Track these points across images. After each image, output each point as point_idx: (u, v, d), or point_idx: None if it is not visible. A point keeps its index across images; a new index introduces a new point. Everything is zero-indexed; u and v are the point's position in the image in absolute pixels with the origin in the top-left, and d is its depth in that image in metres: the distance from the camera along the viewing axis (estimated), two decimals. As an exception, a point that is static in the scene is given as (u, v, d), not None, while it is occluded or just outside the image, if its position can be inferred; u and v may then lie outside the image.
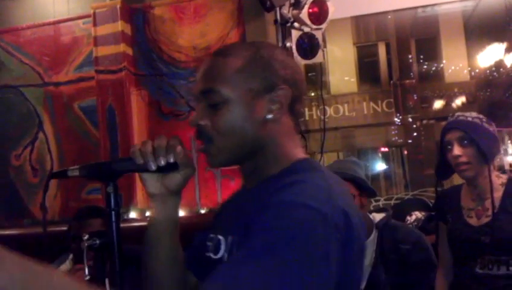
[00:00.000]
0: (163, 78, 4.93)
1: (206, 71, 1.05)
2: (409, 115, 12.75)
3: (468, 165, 2.05)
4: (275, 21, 4.72)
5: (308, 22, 4.52)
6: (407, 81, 13.02)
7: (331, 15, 4.59)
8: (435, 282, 2.25)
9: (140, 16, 4.98)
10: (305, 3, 4.55)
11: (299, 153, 1.07)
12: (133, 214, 4.66)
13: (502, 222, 2.01)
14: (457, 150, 2.03)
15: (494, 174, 2.11)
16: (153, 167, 1.03)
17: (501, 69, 10.33)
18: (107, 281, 1.19)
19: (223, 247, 1.04)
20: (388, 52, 14.26)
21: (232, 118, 1.01)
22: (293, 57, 1.14)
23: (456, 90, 14.71)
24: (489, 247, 2.00)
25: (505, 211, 2.02)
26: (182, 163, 1.05)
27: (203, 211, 4.64)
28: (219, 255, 1.05)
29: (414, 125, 12.92)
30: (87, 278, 1.18)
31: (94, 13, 4.91)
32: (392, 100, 13.75)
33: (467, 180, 2.13)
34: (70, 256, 2.47)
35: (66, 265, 2.46)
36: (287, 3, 4.59)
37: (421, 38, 14.02)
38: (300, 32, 4.24)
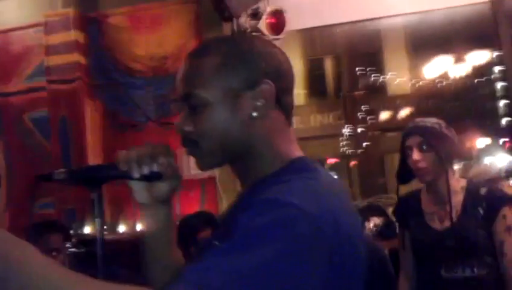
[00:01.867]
0: (119, 88, 4.81)
1: (183, 74, 1.01)
2: (358, 126, 13.07)
3: (427, 169, 2.09)
4: (232, 32, 4.74)
5: (266, 32, 4.56)
6: (356, 93, 13.36)
7: (288, 26, 4.67)
8: None
9: (94, 24, 4.86)
10: (263, 14, 4.60)
11: (294, 151, 1.03)
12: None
13: (464, 225, 2.05)
14: (416, 155, 2.07)
15: (454, 178, 2.16)
16: (136, 175, 1.01)
17: (443, 81, 10.79)
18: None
19: None
20: (336, 66, 14.59)
21: (214, 120, 0.97)
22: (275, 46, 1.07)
23: (398, 102, 15.21)
24: (454, 250, 2.04)
25: (466, 214, 2.07)
26: (166, 173, 1.02)
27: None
28: None
29: (362, 137, 13.25)
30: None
31: (46, 22, 4.75)
32: (339, 112, 14.02)
33: (427, 184, 2.18)
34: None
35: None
36: (245, 14, 4.63)
37: (365, 52, 14.45)
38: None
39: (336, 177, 1.03)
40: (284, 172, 0.96)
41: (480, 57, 8.45)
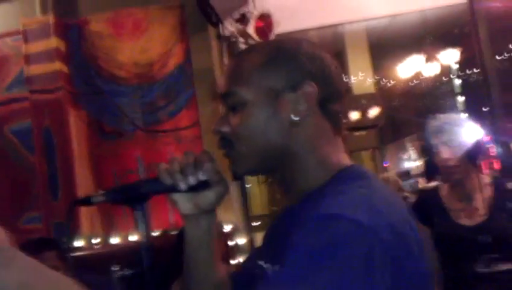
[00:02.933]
0: (104, 96, 4.68)
1: (227, 73, 0.98)
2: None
3: (457, 168, 2.12)
4: (218, 36, 4.69)
5: (255, 36, 4.54)
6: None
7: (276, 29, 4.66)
8: None
9: (75, 31, 4.71)
10: (249, 18, 4.58)
11: (343, 159, 0.97)
12: (79, 243, 4.34)
13: (498, 219, 2.10)
14: (446, 154, 2.10)
15: (479, 175, 2.21)
16: (183, 187, 0.96)
17: (412, 81, 11.02)
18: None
19: None
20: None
21: (252, 121, 0.93)
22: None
23: (363, 101, 15.45)
24: (491, 246, 2.08)
25: (498, 209, 2.11)
26: (213, 180, 0.98)
27: (155, 234, 4.43)
28: None
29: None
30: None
31: (24, 29, 4.57)
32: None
33: (455, 182, 2.20)
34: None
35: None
36: (231, 18, 4.59)
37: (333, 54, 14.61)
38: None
39: (386, 187, 0.94)
40: (334, 182, 0.91)
41: (446, 56, 8.66)
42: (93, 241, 4.38)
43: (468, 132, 2.17)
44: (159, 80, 4.63)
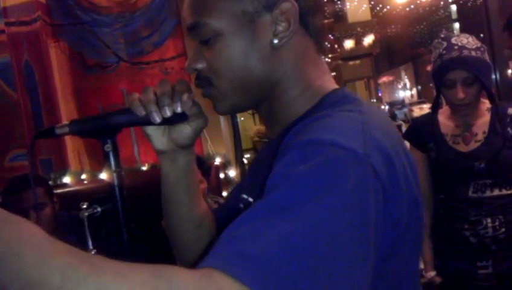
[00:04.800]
0: (84, 27, 4.47)
1: (190, 3, 0.86)
2: (329, 55, 12.92)
3: (471, 104, 2.04)
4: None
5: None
6: (325, 21, 13.14)
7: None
8: None
9: (50, -42, 4.44)
10: None
11: (328, 83, 0.88)
12: (66, 179, 4.29)
13: (493, 145, 2.02)
14: (462, 92, 1.99)
15: (481, 100, 2.12)
16: (158, 119, 0.86)
17: (407, 7, 10.72)
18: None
19: None
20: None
21: (229, 52, 0.82)
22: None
23: (359, 29, 15.17)
24: (484, 171, 2.02)
25: (495, 135, 2.04)
26: (191, 112, 0.88)
27: (144, 168, 4.38)
28: None
29: (331, 66, 13.19)
30: (93, 251, 0.99)
31: (-4, -43, 4.31)
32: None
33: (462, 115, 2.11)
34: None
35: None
36: None
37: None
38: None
39: (378, 111, 0.84)
40: (320, 107, 0.81)
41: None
42: (82, 176, 4.33)
43: (487, 64, 2.03)
44: (141, 8, 4.43)
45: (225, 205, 1.07)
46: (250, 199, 0.91)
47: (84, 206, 0.97)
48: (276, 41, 0.82)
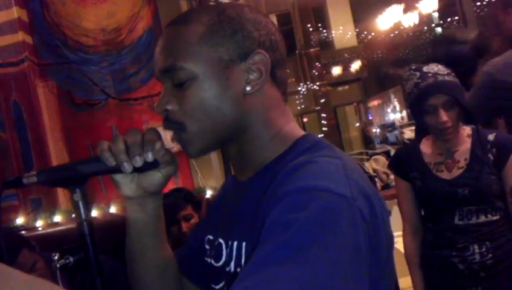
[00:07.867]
0: (72, 65, 4.51)
1: (164, 45, 0.88)
2: (317, 83, 13.02)
3: (454, 128, 2.06)
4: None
5: (225, -6, 4.37)
6: (312, 50, 13.25)
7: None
8: None
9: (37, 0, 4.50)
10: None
11: (295, 129, 0.92)
12: (57, 218, 4.26)
13: (476, 171, 2.04)
14: (444, 115, 2.01)
15: (461, 126, 2.14)
16: (129, 169, 0.86)
17: (393, 32, 10.89)
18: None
19: (224, 252, 0.90)
20: (283, 24, 14.40)
21: (204, 95, 0.84)
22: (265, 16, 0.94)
23: (346, 55, 15.37)
24: (468, 198, 2.03)
25: (477, 161, 2.06)
26: (163, 160, 0.89)
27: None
28: (220, 263, 0.91)
29: (318, 93, 13.25)
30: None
31: (-18, 1, 4.36)
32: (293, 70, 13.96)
33: (446, 140, 2.13)
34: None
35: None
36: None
37: (311, 8, 14.38)
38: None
39: (345, 154, 0.89)
40: (294, 151, 0.85)
41: (426, 5, 8.55)
42: (73, 216, 4.29)
43: (461, 88, 2.07)
44: (128, 45, 4.48)
45: (187, 247, 1.08)
46: (220, 240, 0.92)
47: (56, 257, 0.96)
48: (248, 88, 0.86)
